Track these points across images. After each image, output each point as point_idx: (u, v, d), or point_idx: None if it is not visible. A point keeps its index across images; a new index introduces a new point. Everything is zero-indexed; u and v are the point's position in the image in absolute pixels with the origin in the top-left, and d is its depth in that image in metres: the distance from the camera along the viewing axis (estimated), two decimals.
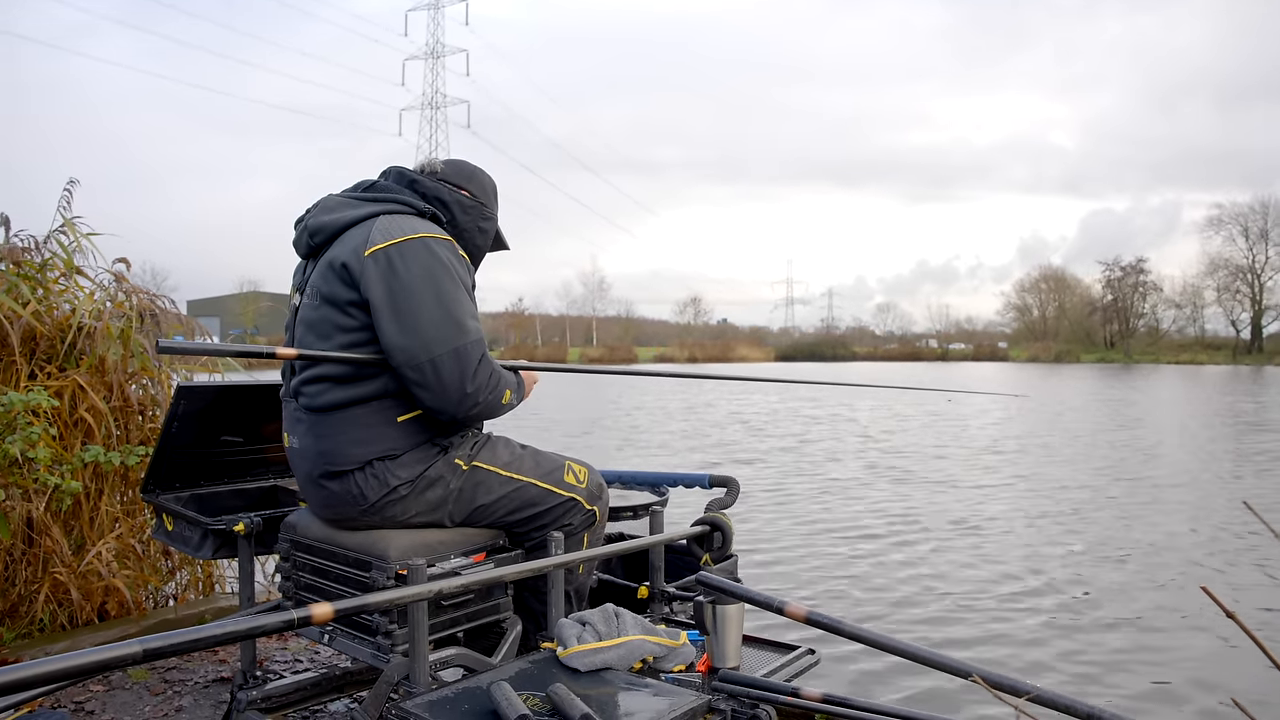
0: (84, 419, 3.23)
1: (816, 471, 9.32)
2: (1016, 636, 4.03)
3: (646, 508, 2.43)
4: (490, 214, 2.11)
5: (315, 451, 1.91)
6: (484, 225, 2.09)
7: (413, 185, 2.04)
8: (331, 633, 1.96)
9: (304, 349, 1.88)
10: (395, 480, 1.89)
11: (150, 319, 3.54)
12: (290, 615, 1.18)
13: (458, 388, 1.82)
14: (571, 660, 1.77)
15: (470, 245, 2.06)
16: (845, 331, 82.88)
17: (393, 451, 1.89)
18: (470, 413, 1.87)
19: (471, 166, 2.14)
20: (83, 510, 3.23)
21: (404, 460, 1.90)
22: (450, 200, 2.04)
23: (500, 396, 1.92)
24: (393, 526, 1.94)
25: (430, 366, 1.81)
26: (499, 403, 1.92)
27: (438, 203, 2.03)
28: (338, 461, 1.89)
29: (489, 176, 2.16)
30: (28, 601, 3.08)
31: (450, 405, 1.84)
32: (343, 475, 1.90)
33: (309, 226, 1.98)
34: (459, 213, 2.04)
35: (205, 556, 2.31)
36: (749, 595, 1.78)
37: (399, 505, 1.91)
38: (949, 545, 5.85)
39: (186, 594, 3.58)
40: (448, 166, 2.10)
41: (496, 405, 1.92)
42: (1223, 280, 64.03)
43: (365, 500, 1.89)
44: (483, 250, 2.13)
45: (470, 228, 2.06)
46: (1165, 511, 7.01)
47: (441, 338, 1.81)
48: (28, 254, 3.44)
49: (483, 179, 2.13)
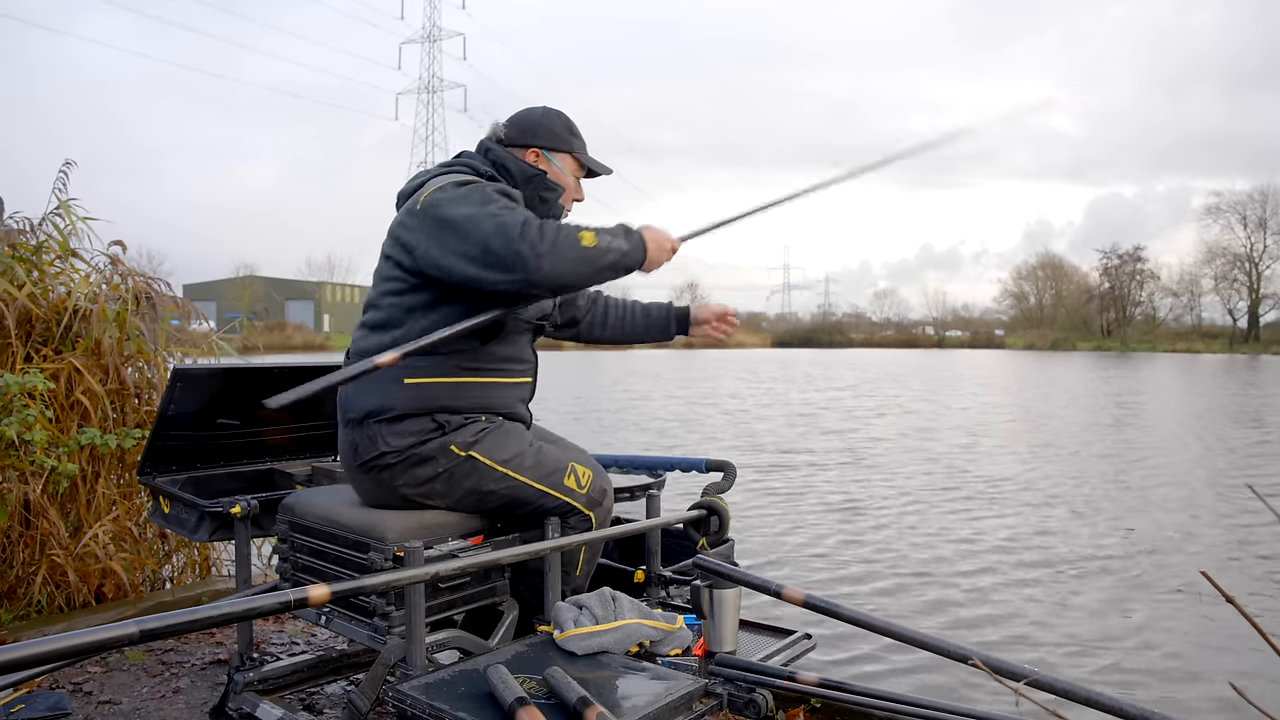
0: (80, 401, 3.22)
1: (814, 457, 9.33)
2: (1015, 621, 4.05)
3: (644, 490, 2.43)
4: (550, 184, 2.05)
5: (341, 395, 1.97)
6: (545, 195, 2.06)
7: (487, 153, 2.06)
8: (328, 614, 1.96)
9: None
10: (384, 446, 1.89)
11: (146, 302, 3.53)
12: (287, 596, 1.18)
13: (510, 251, 1.72)
14: (568, 643, 1.77)
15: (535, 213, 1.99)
16: (842, 318, 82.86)
17: (390, 410, 1.88)
18: (542, 269, 1.72)
19: (535, 116, 2.09)
20: (79, 493, 3.23)
21: (399, 427, 1.89)
22: (515, 169, 2.03)
23: (573, 240, 1.75)
24: (385, 493, 1.94)
25: (481, 250, 1.75)
26: (577, 245, 1.75)
27: (503, 170, 2.03)
28: (349, 409, 1.94)
29: (551, 115, 2.10)
30: (25, 583, 3.08)
31: (517, 269, 1.72)
32: (350, 424, 1.94)
33: (399, 195, 2.03)
34: (522, 183, 2.03)
35: (202, 539, 2.31)
36: (746, 579, 1.78)
37: (387, 472, 1.91)
38: (949, 530, 5.87)
39: (183, 577, 3.58)
40: (510, 127, 2.07)
41: (574, 249, 1.75)
42: (1220, 269, 64.06)
43: (358, 455, 1.92)
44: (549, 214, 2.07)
45: (532, 197, 2.03)
46: (1165, 496, 7.03)
47: (482, 227, 1.76)
48: (23, 236, 3.42)
49: (548, 123, 2.08)
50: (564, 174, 2.09)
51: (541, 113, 2.10)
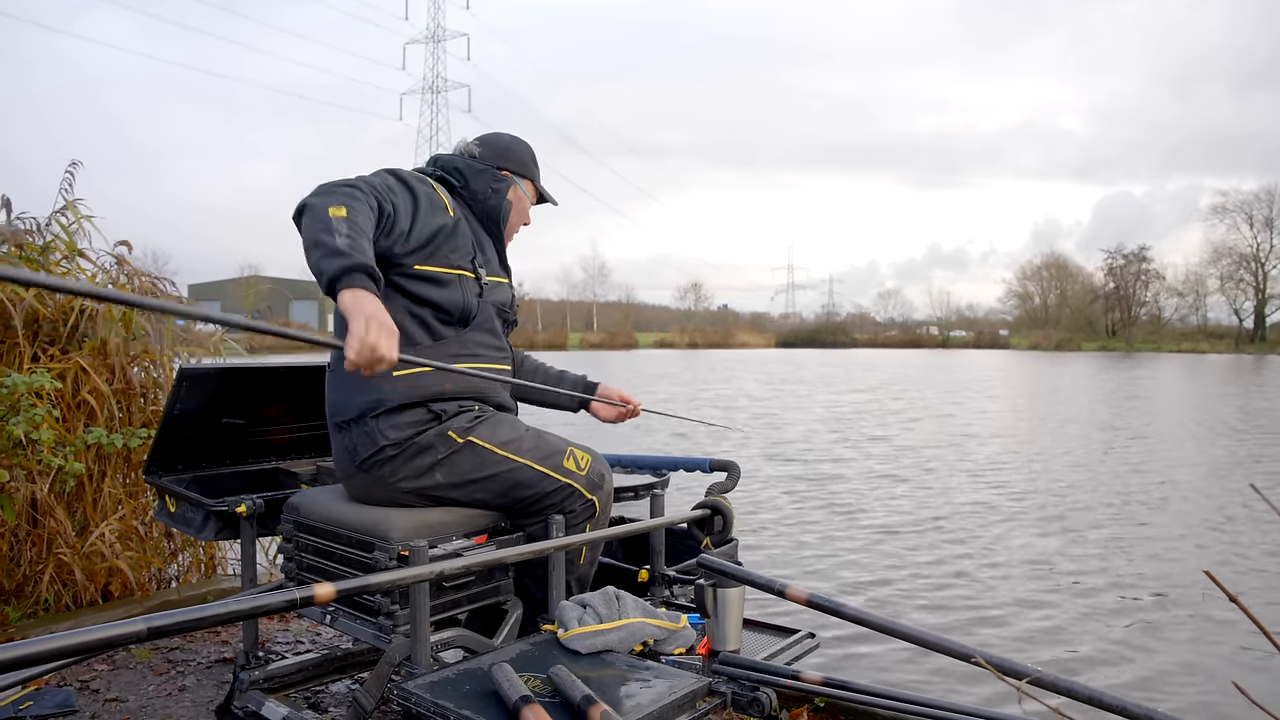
0: (86, 401, 3.24)
1: (817, 457, 9.33)
2: (1016, 621, 4.05)
3: (648, 489, 2.43)
4: (499, 178, 2.15)
5: (329, 402, 2.01)
6: (495, 186, 2.14)
7: (433, 162, 2.17)
8: (333, 613, 1.97)
9: None
10: (383, 440, 1.91)
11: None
12: (293, 595, 1.19)
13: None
14: (572, 642, 1.77)
15: (486, 207, 2.13)
16: (846, 318, 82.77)
17: (386, 405, 1.90)
18: (304, 200, 1.71)
19: (505, 141, 2.25)
20: (86, 492, 3.25)
21: (396, 420, 1.91)
22: (463, 166, 2.14)
23: (328, 205, 1.66)
24: (385, 490, 1.94)
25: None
26: (326, 207, 1.66)
27: (452, 171, 2.12)
28: (341, 412, 1.96)
29: (519, 143, 2.27)
30: (33, 582, 3.10)
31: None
32: (345, 427, 1.96)
33: None
34: (471, 177, 2.12)
35: (208, 538, 2.32)
36: (750, 578, 1.78)
37: (387, 466, 1.92)
38: (950, 530, 5.87)
39: (189, 575, 3.59)
40: (483, 148, 2.21)
41: (321, 205, 1.67)
42: (1226, 269, 63.91)
43: (357, 455, 1.93)
44: (498, 211, 2.15)
45: (483, 189, 2.13)
46: (1168, 495, 7.02)
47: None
48: (30, 236, 3.44)
49: (517, 150, 2.24)
50: (524, 198, 2.24)
51: (510, 139, 2.26)
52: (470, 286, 2.02)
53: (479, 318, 2.04)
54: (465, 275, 2.02)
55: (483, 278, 2.07)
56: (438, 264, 1.96)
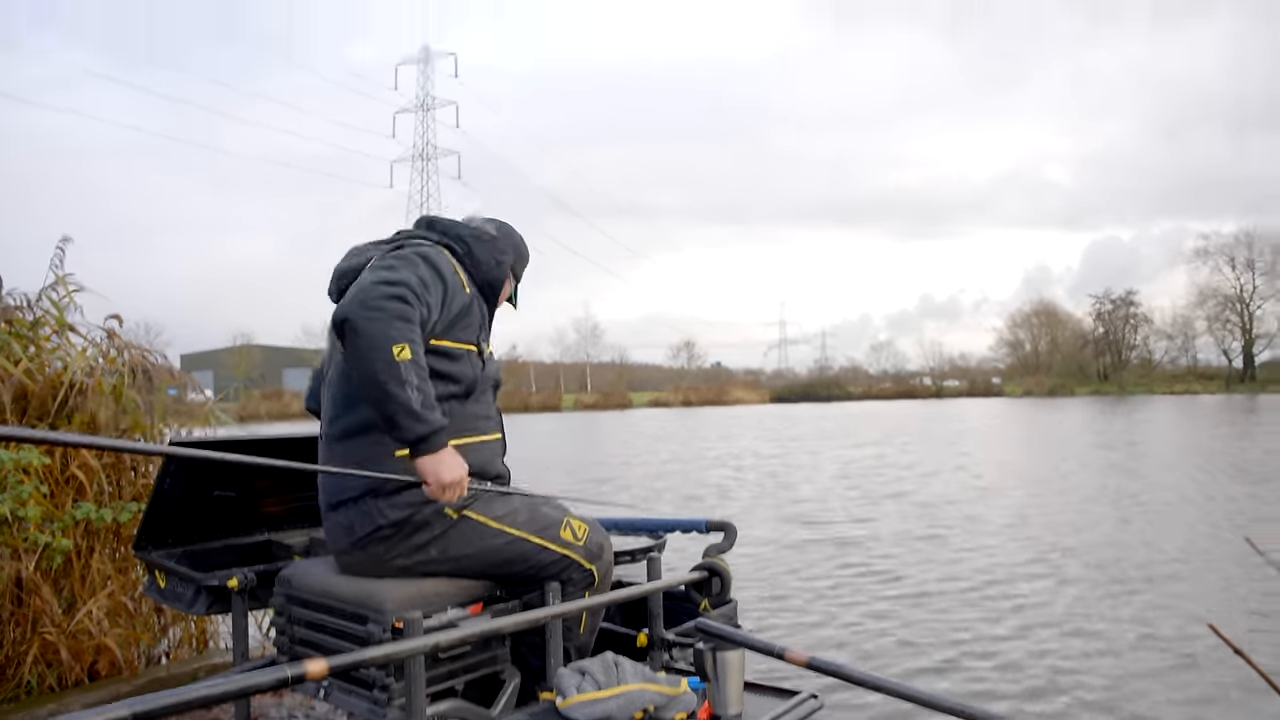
0: (75, 476, 3.20)
1: (814, 515, 9.25)
2: (1022, 677, 3.98)
3: (644, 552, 2.41)
4: (504, 250, 2.16)
5: (326, 481, 1.99)
6: (500, 259, 2.14)
7: (431, 226, 2.15)
8: (327, 688, 1.93)
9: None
10: (381, 519, 1.89)
11: (143, 375, 3.54)
12: (284, 673, 1.17)
13: (354, 290, 1.80)
14: (571, 711, 1.74)
15: (488, 276, 2.11)
16: (839, 371, 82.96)
17: (386, 485, 1.89)
18: (354, 312, 1.75)
19: (517, 238, 2.27)
20: (74, 568, 3.19)
21: (395, 500, 1.89)
22: (467, 235, 2.11)
23: (387, 331, 1.72)
24: (380, 567, 1.92)
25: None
26: (389, 344, 1.71)
27: (456, 239, 2.10)
28: (341, 490, 1.94)
29: (526, 245, 2.30)
30: (15, 664, 3.03)
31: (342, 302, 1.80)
32: (342, 505, 1.94)
33: (336, 271, 2.09)
34: (475, 245, 2.10)
35: (199, 612, 2.29)
36: (749, 641, 1.76)
37: (383, 545, 1.90)
38: (953, 587, 5.79)
39: (179, 651, 3.52)
40: (499, 232, 2.22)
41: (385, 338, 1.72)
42: (1212, 310, 64.48)
43: (354, 533, 1.91)
44: (499, 282, 2.15)
45: (487, 260, 2.11)
46: (1169, 546, 6.97)
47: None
48: (19, 312, 3.44)
49: (509, 231, 2.25)
50: (508, 288, 2.23)
51: (520, 238, 2.28)
52: (476, 361, 2.03)
53: (479, 389, 2.04)
54: (472, 350, 2.02)
55: (484, 350, 2.07)
56: (453, 339, 1.98)
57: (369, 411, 1.88)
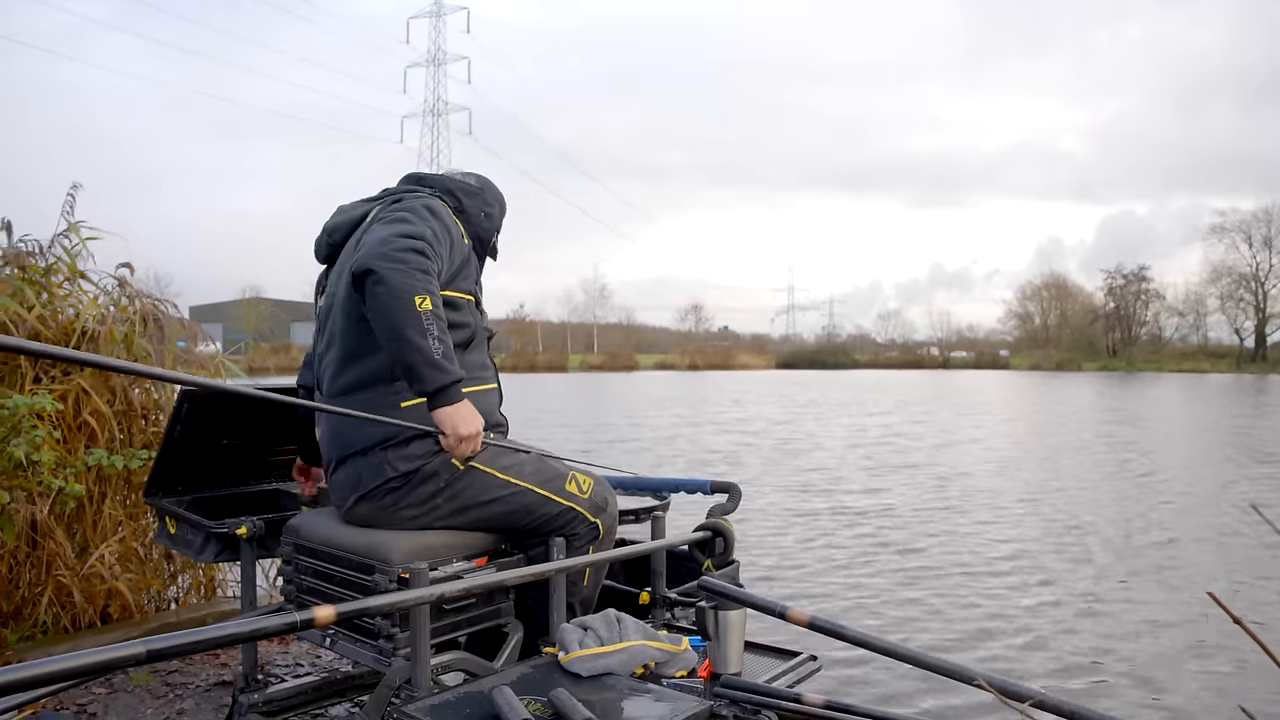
0: (87, 422, 3.23)
1: (820, 478, 9.29)
2: (1020, 642, 4.02)
3: (649, 512, 2.43)
4: (490, 203, 2.19)
5: (332, 436, 1.99)
6: (487, 210, 2.18)
7: (420, 181, 2.18)
8: (333, 636, 1.96)
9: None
10: (391, 471, 1.90)
11: (154, 324, 3.55)
12: (293, 618, 1.19)
13: (373, 242, 1.80)
14: (573, 665, 1.76)
15: (479, 229, 2.15)
16: (846, 339, 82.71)
17: (396, 437, 1.90)
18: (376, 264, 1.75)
19: (499, 193, 2.28)
20: (86, 513, 3.24)
21: (405, 451, 1.90)
22: (456, 188, 2.14)
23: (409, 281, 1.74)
24: (387, 519, 1.94)
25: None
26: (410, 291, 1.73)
27: (446, 192, 2.13)
28: (349, 444, 1.94)
29: (498, 188, 2.29)
30: (31, 604, 3.09)
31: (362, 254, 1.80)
32: (350, 459, 1.94)
33: (326, 227, 2.11)
34: (464, 197, 2.14)
35: (207, 560, 2.31)
36: (751, 600, 1.78)
37: (390, 496, 1.92)
38: (954, 551, 5.84)
39: (188, 598, 3.58)
40: (482, 185, 2.23)
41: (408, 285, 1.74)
42: (1226, 288, 63.85)
43: (361, 486, 1.92)
44: (489, 234, 2.19)
45: (475, 211, 2.14)
46: (1171, 517, 6.99)
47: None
48: (32, 258, 3.45)
49: (489, 183, 2.27)
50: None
51: (499, 190, 2.29)
52: (475, 311, 2.06)
53: (476, 339, 2.06)
54: (470, 300, 2.05)
55: (480, 300, 2.09)
56: (455, 289, 1.99)
57: (373, 364, 1.90)
